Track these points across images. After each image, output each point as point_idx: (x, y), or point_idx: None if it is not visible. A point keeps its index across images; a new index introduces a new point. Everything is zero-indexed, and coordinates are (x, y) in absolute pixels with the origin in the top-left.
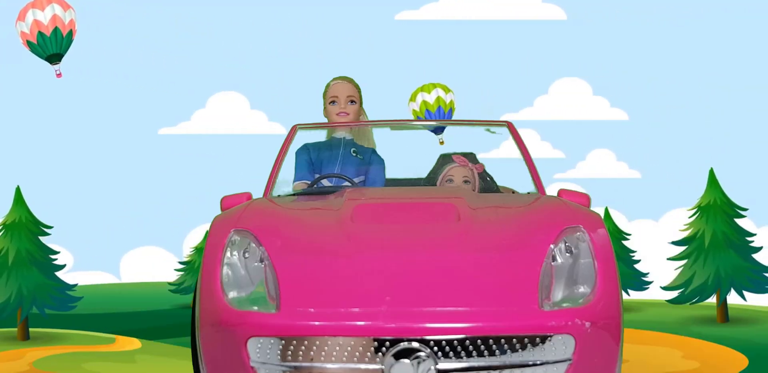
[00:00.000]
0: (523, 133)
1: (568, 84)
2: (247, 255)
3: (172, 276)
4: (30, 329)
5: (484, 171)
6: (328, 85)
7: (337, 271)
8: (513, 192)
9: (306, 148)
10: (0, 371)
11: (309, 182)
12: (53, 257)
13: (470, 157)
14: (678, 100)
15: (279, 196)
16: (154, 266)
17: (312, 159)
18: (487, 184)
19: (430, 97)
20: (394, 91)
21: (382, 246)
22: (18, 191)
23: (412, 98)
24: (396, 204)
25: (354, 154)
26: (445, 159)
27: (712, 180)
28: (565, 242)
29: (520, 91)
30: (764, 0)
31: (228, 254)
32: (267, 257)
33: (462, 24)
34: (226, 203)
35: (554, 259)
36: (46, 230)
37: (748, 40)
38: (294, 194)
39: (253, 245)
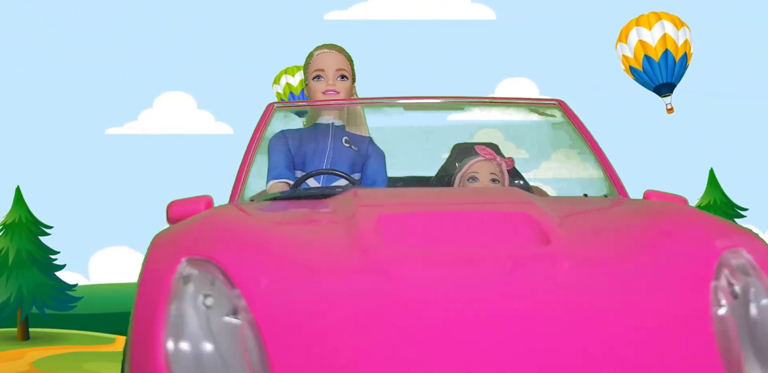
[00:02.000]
0: (486, 133)
1: (514, 84)
2: (209, 303)
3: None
4: (30, 329)
5: (514, 168)
6: (311, 56)
7: (369, 336)
8: (585, 195)
9: (283, 136)
10: (0, 371)
11: (290, 182)
12: (53, 257)
13: (494, 148)
14: (626, 96)
15: (252, 200)
16: (123, 266)
17: (292, 151)
18: (519, 186)
19: (294, 80)
20: None
21: (436, 288)
22: (18, 191)
23: (276, 81)
24: (441, 214)
25: (347, 145)
26: (462, 151)
27: (712, 180)
28: (728, 278)
29: (467, 92)
30: None
31: (177, 302)
32: (245, 308)
33: (392, 24)
34: (176, 211)
35: (718, 305)
36: (45, 230)
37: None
38: (272, 198)
39: (221, 285)
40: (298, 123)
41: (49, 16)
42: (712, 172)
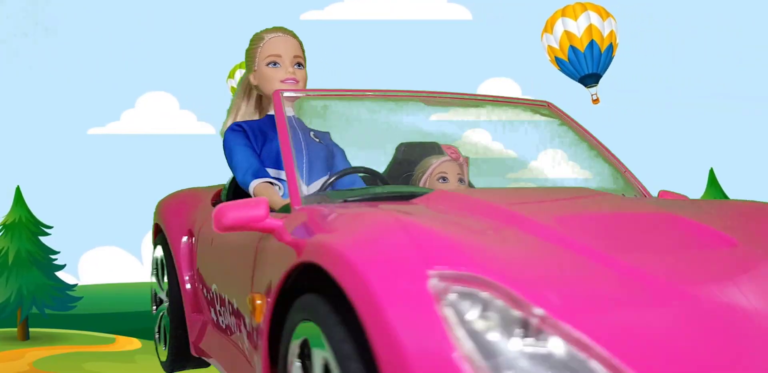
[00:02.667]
0: (474, 133)
1: (497, 84)
2: (483, 326)
3: (133, 277)
4: (30, 329)
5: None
6: (259, 39)
7: (709, 342)
8: (623, 195)
9: (241, 129)
10: (0, 371)
11: (273, 181)
12: (53, 257)
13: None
14: (620, 94)
15: (319, 202)
16: (113, 266)
17: (255, 146)
18: (470, 185)
19: None
20: None
21: (711, 287)
22: (18, 191)
23: (231, 75)
24: (606, 215)
25: (317, 140)
26: (412, 149)
27: (712, 180)
28: None
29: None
30: None
31: (457, 328)
32: (556, 327)
33: (368, 24)
34: (233, 217)
35: None
36: (46, 230)
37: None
38: (345, 200)
39: (502, 303)
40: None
41: (30, 17)
42: (712, 172)
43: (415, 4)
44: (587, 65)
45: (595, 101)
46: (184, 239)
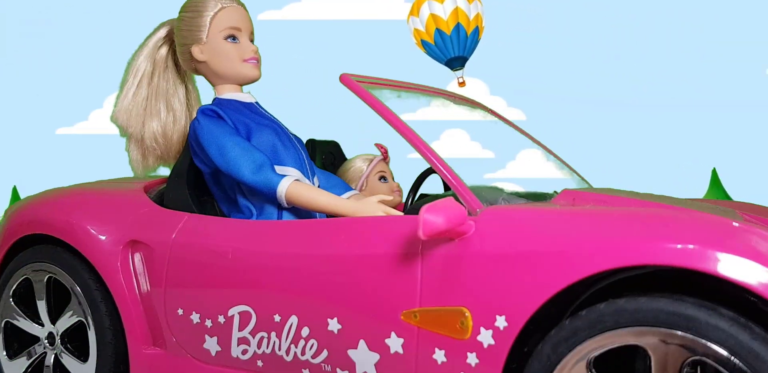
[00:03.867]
0: (451, 133)
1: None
2: None
3: None
4: None
5: None
6: (205, 6)
7: None
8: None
9: (216, 116)
10: None
11: (299, 179)
12: None
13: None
14: (574, 98)
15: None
16: None
17: (243, 137)
18: None
19: None
20: (261, 92)
21: None
22: (14, 191)
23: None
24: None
25: (292, 134)
26: (317, 145)
27: (715, 180)
28: None
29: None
30: None
31: None
32: None
33: (327, 24)
34: (450, 219)
35: None
36: None
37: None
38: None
39: None
40: None
41: None
42: (714, 173)
43: (373, 4)
44: (453, 48)
45: (462, 84)
46: (122, 251)
